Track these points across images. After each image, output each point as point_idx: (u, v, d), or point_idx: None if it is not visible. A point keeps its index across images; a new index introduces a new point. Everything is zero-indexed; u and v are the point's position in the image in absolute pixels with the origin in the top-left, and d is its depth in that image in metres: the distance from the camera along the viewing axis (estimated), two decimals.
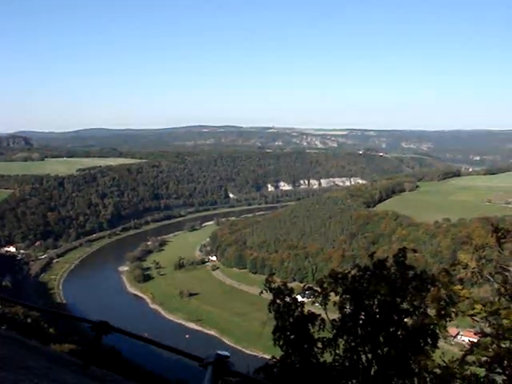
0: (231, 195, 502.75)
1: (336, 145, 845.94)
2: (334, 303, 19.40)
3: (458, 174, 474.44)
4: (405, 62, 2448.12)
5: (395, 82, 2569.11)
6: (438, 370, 15.80)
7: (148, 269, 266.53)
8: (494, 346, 14.83)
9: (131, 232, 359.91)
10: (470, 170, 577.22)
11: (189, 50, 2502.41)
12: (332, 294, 19.48)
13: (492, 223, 17.70)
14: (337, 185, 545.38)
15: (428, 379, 16.34)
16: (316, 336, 19.01)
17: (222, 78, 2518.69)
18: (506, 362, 14.56)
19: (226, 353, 4.85)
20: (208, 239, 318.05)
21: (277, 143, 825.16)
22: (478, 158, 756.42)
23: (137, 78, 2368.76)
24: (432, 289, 17.57)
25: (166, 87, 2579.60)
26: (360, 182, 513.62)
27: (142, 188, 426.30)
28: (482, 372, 15.14)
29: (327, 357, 18.90)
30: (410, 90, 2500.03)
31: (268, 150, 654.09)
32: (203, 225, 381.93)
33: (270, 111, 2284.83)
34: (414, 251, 24.87)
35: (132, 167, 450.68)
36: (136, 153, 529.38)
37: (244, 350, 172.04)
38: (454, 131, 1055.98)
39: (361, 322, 18.58)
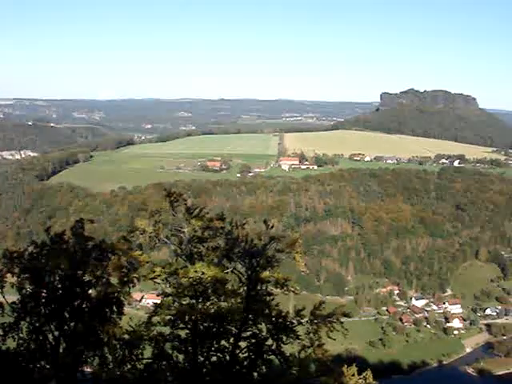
0: None
1: (2, 115, 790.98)
2: (12, 285, 18.17)
3: (131, 143, 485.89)
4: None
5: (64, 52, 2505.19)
6: (126, 336, 16.04)
7: None
8: (176, 304, 15.54)
9: None
10: (143, 138, 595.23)
11: None
12: (9, 275, 18.18)
13: (165, 188, 18.34)
14: (5, 159, 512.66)
15: (118, 346, 16.48)
16: None
17: None
18: (187, 317, 15.38)
19: None
20: None
21: None
22: (149, 127, 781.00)
23: None
24: (113, 257, 17.57)
25: None
26: (31, 154, 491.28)
27: None
28: (167, 330, 15.81)
29: (10, 343, 17.76)
30: (68, 59, 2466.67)
31: None
32: None
33: None
34: (92, 222, 24.72)
35: None
36: None
37: None
38: (126, 100, 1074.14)
39: (43, 300, 17.76)
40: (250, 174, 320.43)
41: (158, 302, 16.52)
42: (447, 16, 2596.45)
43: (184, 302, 15.45)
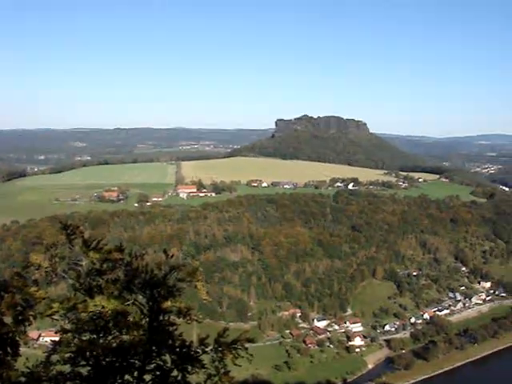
0: None
1: None
2: None
3: (23, 175, 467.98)
4: None
5: None
6: (23, 378, 15.33)
7: None
8: (76, 340, 15.05)
9: None
10: (36, 169, 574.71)
11: None
12: None
13: (61, 221, 17.79)
14: None
15: None
16: None
17: None
18: (88, 353, 14.94)
19: None
20: None
21: None
22: (42, 157, 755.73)
23: None
24: (6, 295, 16.80)
25: None
26: None
27: None
28: (67, 368, 15.26)
29: None
30: None
31: None
32: None
33: None
34: None
35: None
36: None
37: None
38: (16, 130, 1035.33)
39: None
40: (148, 204, 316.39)
41: (57, 339, 15.94)
42: (336, 44, 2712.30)
43: (84, 338, 14.97)
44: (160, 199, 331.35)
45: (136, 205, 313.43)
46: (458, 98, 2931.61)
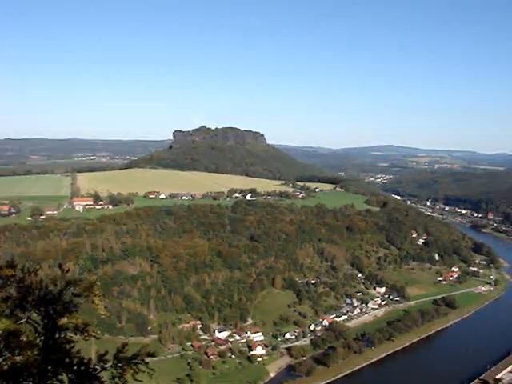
0: None
1: None
2: None
3: None
4: None
5: None
6: None
7: None
8: None
9: None
10: None
11: None
12: None
13: None
14: None
15: None
16: None
17: None
18: None
19: None
20: None
21: None
22: None
23: None
24: None
25: None
26: None
27: None
28: None
29: None
30: None
31: None
32: None
33: None
34: None
35: None
36: None
37: None
38: None
39: None
40: (42, 217, 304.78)
41: None
42: (233, 58, 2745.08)
43: None
44: (55, 212, 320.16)
45: (29, 218, 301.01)
46: (351, 110, 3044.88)
